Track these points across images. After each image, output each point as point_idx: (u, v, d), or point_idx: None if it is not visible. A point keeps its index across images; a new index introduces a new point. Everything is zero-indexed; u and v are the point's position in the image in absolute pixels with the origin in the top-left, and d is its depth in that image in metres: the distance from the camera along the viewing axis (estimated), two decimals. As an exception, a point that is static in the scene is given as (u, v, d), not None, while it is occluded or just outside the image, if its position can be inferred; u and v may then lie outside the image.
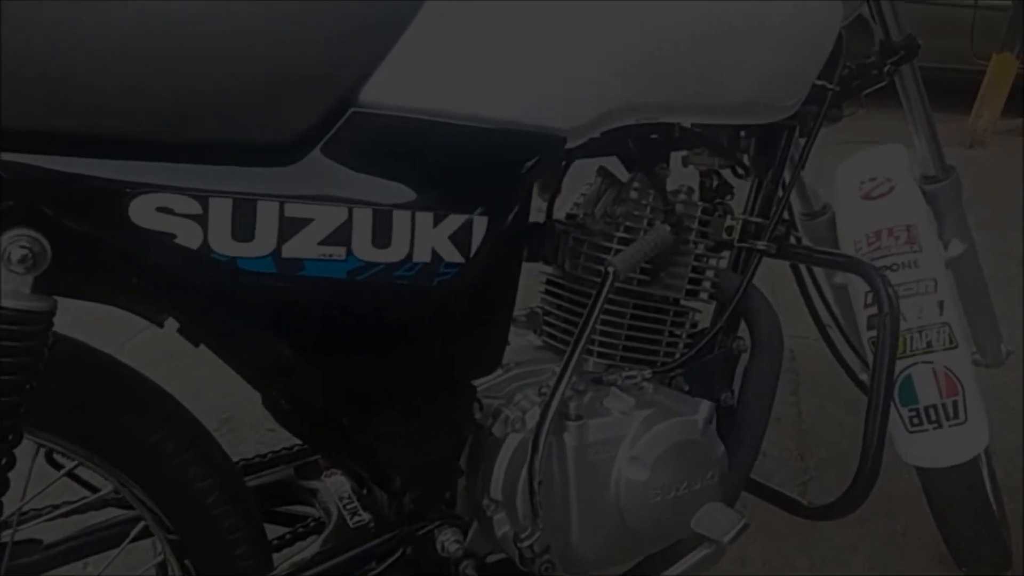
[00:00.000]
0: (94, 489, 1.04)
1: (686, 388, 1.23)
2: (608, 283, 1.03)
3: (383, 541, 0.98)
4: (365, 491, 1.15)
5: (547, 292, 1.27)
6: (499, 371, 1.16)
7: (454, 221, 0.88)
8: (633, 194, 1.18)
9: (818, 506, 1.23)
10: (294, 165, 0.80)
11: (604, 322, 1.15)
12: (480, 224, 0.90)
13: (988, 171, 4.41)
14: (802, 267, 1.52)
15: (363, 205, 0.83)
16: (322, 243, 0.81)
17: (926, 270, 1.33)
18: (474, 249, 0.90)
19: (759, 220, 1.28)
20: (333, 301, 0.84)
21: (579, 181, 1.27)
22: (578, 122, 0.95)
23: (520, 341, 1.27)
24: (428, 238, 0.87)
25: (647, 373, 1.14)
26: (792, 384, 2.39)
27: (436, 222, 0.87)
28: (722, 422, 1.27)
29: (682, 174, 1.28)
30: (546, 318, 1.25)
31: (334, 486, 1.12)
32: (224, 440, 2.03)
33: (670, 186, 1.23)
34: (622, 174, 1.24)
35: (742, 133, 1.27)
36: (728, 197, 1.36)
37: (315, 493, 1.12)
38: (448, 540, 1.00)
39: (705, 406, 1.11)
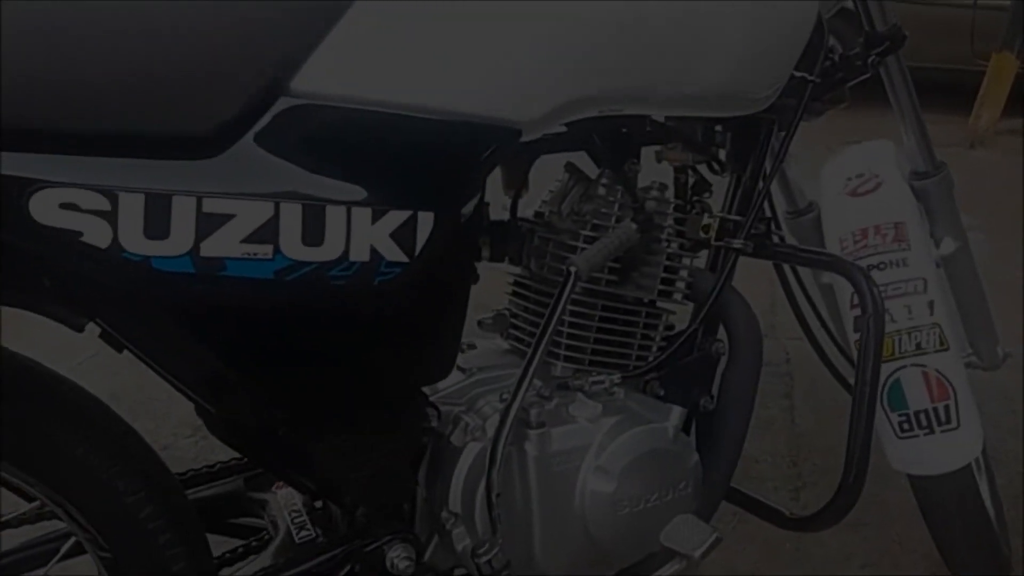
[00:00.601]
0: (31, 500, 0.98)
1: (661, 393, 1.17)
2: (570, 283, 0.97)
3: (328, 558, 0.92)
4: (320, 504, 1.09)
5: (514, 294, 1.21)
6: (460, 376, 1.11)
7: (395, 218, 0.82)
8: (601, 191, 1.12)
9: (801, 517, 1.17)
10: (216, 158, 0.74)
11: (571, 324, 1.10)
12: (425, 221, 0.84)
13: (988, 171, 4.36)
14: (786, 267, 1.45)
15: (291, 199, 0.77)
16: (246, 241, 0.76)
17: (915, 269, 1.27)
18: (419, 248, 0.84)
19: (737, 218, 1.22)
20: (261, 304, 0.79)
21: (548, 178, 1.21)
22: (532, 114, 0.89)
23: (487, 345, 1.22)
24: (366, 235, 0.81)
25: (616, 378, 1.08)
26: (786, 387, 2.33)
27: (375, 218, 0.81)
28: (701, 429, 1.21)
29: (657, 171, 1.23)
30: (513, 320, 1.20)
31: (284, 499, 1.06)
32: (198, 447, 1.99)
33: (643, 183, 1.17)
34: (591, 170, 1.18)
35: (718, 128, 1.21)
36: (706, 195, 1.30)
37: (264, 505, 1.06)
38: (398, 557, 0.94)
39: (676, 412, 1.05)
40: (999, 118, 4.93)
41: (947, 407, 1.22)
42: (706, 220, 1.23)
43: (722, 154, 1.23)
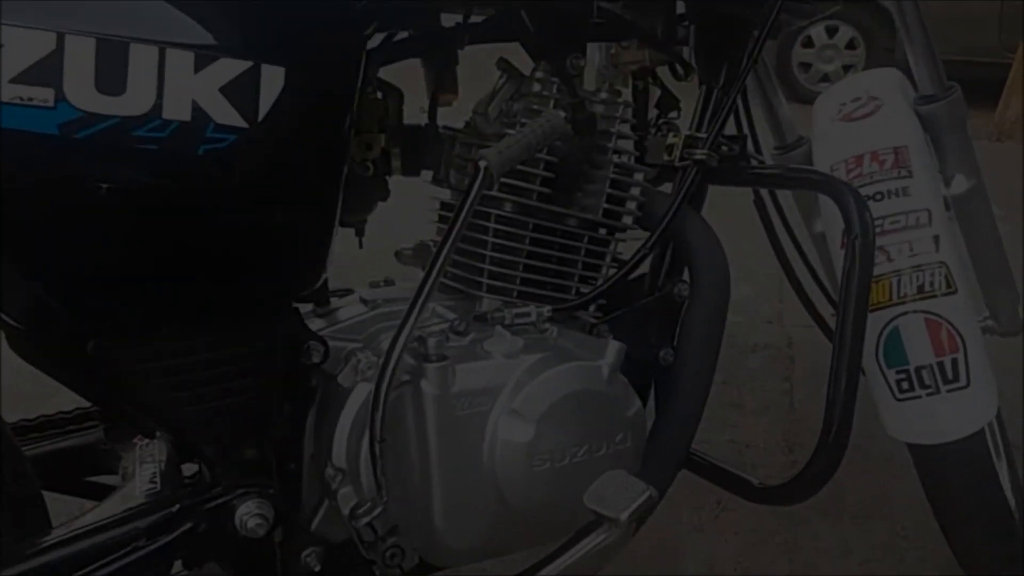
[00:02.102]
0: None
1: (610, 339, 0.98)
2: (479, 182, 0.78)
3: (164, 515, 0.73)
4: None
5: (440, 220, 1.02)
6: (362, 309, 0.93)
7: (228, 68, 0.64)
8: (536, 87, 0.93)
9: (772, 486, 0.97)
10: None
11: (495, 247, 0.91)
12: (272, 78, 0.66)
13: (1015, 163, 4.16)
14: (770, 210, 1.25)
15: (81, 33, 0.59)
16: (17, 80, 0.58)
17: (918, 199, 1.07)
18: (263, 111, 0.66)
19: (705, 136, 1.03)
20: (48, 169, 0.61)
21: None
22: None
23: (409, 283, 1.03)
24: (186, 88, 0.63)
25: (546, 310, 0.89)
26: (787, 370, 2.12)
27: (199, 66, 0.63)
28: (660, 385, 1.02)
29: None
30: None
31: (146, 451, 0.88)
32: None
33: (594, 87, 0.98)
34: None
35: (684, 23, 1.02)
36: (673, 115, 1.11)
37: (120, 459, 0.88)
38: (249, 515, 0.74)
39: (613, 348, 0.86)
40: (1027, 110, 4.71)
41: (955, 361, 1.02)
42: (670, 140, 1.04)
43: (688, 54, 1.03)
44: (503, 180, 0.88)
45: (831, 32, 5.56)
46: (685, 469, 1.09)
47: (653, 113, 1.13)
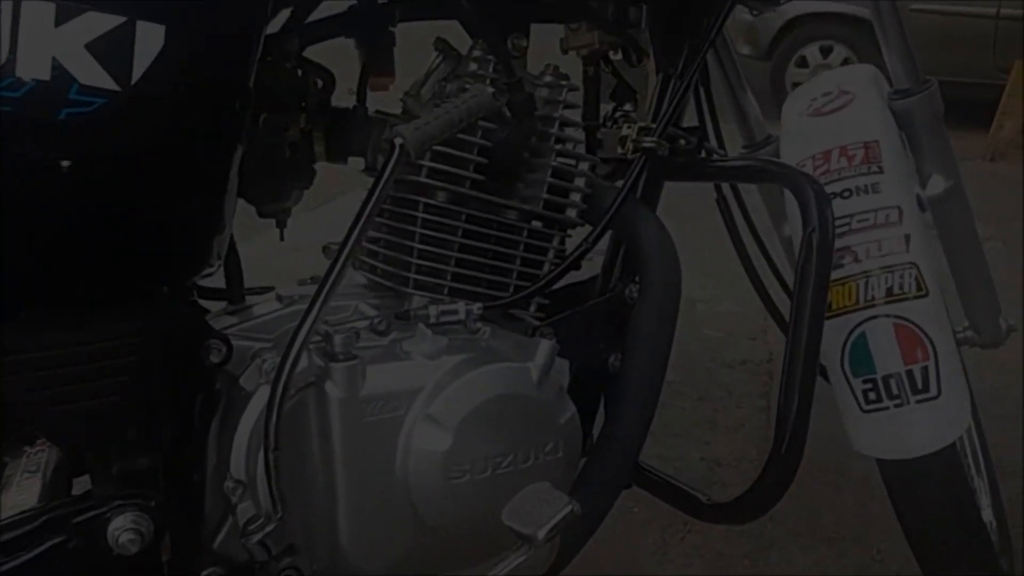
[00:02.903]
0: None
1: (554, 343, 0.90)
2: (393, 161, 0.71)
3: (31, 529, 0.65)
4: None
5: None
6: (276, 306, 0.85)
7: (96, 23, 0.57)
8: (472, 66, 0.86)
9: (721, 504, 0.89)
10: None
11: (424, 239, 0.83)
12: (149, 36, 0.59)
13: (1008, 183, 4.12)
14: (735, 210, 1.18)
15: None
16: None
17: (888, 196, 1.00)
18: (138, 73, 0.59)
19: (656, 125, 0.96)
20: None
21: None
22: None
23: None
24: (45, 42, 0.56)
25: (476, 308, 0.81)
26: (764, 387, 2.05)
27: (61, 19, 0.56)
28: (608, 393, 0.94)
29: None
30: (368, 245, 0.93)
31: (33, 460, 0.80)
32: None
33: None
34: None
35: (637, 4, 0.95)
36: (629, 106, 1.04)
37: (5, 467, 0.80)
38: (121, 529, 0.66)
39: (544, 348, 0.78)
40: (1021, 130, 4.67)
41: (925, 370, 0.94)
42: (624, 131, 0.97)
43: (642, 39, 0.97)
44: (433, 166, 0.82)
45: (826, 52, 5.52)
46: (635, 485, 1.02)
47: (610, 106, 1.06)
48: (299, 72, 0.84)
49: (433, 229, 0.83)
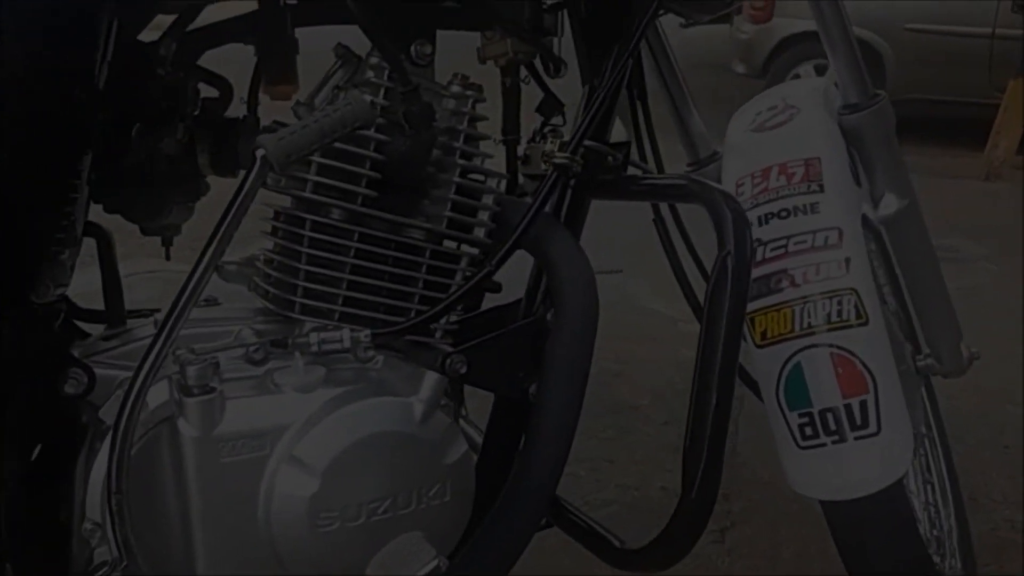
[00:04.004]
0: None
1: (463, 371, 0.83)
2: (254, 173, 0.65)
3: None
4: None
5: (273, 231, 0.88)
6: (153, 329, 0.78)
7: None
8: (369, 74, 0.80)
9: (633, 549, 0.82)
10: None
11: (313, 260, 0.77)
12: None
13: (1001, 202, 4.07)
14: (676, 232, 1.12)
15: None
16: None
17: (828, 217, 0.93)
18: None
19: (589, 143, 0.90)
20: None
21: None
22: None
23: (236, 303, 0.89)
24: None
25: (364, 335, 0.75)
26: (734, 411, 1.96)
27: None
28: (527, 424, 0.87)
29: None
30: (264, 268, 0.87)
31: None
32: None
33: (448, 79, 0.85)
34: None
35: (546, 3, 0.89)
36: (557, 119, 0.98)
37: None
38: None
39: (430, 382, 0.72)
40: (1016, 149, 4.61)
41: (864, 404, 0.87)
42: (547, 146, 0.91)
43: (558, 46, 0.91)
44: (323, 181, 0.75)
45: (820, 71, 5.45)
46: (553, 523, 0.95)
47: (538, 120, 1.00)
48: (181, 80, 0.78)
49: (322, 249, 0.77)
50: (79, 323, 0.84)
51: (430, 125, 0.78)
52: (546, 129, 0.98)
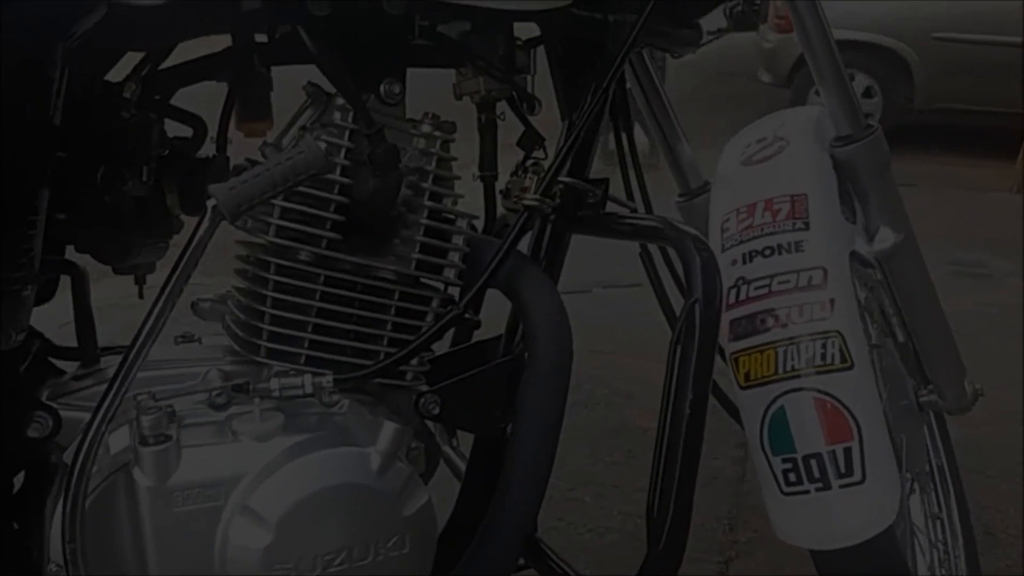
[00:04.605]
0: None
1: (436, 412, 0.82)
2: (205, 225, 0.64)
3: None
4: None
5: (240, 272, 0.88)
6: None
7: None
8: (336, 115, 0.79)
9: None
10: None
11: (277, 304, 0.76)
12: None
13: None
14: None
15: None
16: None
17: (813, 256, 0.91)
18: None
19: (568, 180, 0.89)
20: None
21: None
22: None
23: (213, 340, 0.88)
24: None
25: (326, 380, 0.74)
26: (742, 436, 1.93)
27: None
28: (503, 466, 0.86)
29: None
30: (231, 307, 0.86)
31: None
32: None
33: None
34: None
35: (519, 40, 0.88)
36: (539, 153, 0.97)
37: None
38: None
39: (387, 432, 0.70)
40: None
41: (848, 451, 0.85)
42: (526, 182, 0.90)
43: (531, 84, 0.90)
44: (287, 225, 0.75)
45: (845, 80, 5.37)
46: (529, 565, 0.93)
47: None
48: (147, 121, 0.78)
49: (287, 292, 0.76)
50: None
51: (395, 167, 0.77)
52: (528, 163, 0.97)
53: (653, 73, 1.10)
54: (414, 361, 0.81)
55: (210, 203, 0.64)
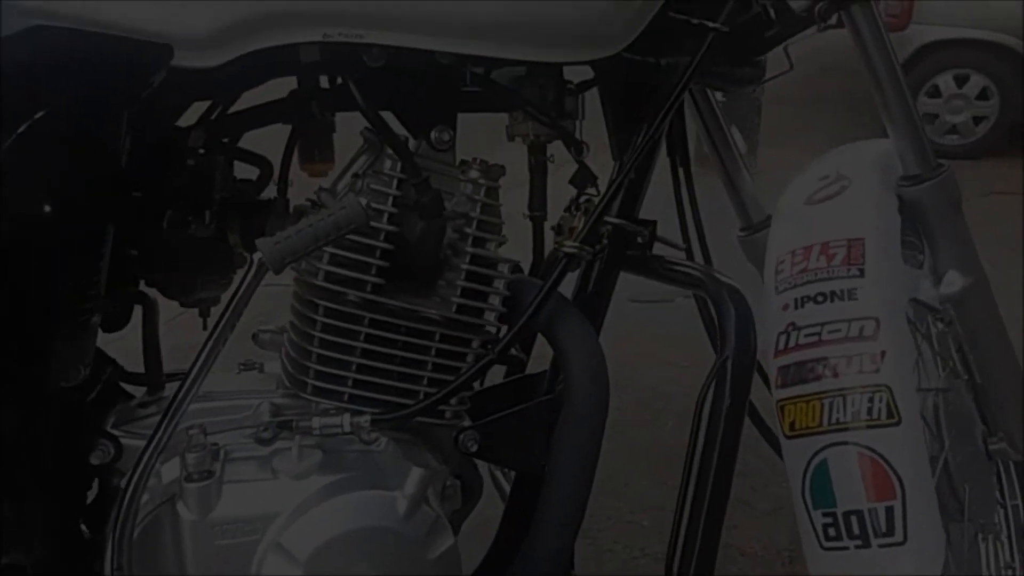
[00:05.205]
0: None
1: (473, 449, 0.85)
2: (250, 276, 0.69)
3: None
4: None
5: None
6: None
7: None
8: (387, 164, 0.82)
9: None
10: None
11: (324, 344, 0.80)
12: None
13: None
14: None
15: None
16: None
17: (866, 305, 0.88)
18: None
19: (616, 220, 0.90)
20: None
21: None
22: (193, 30, 0.63)
23: (272, 367, 0.93)
24: None
25: (364, 420, 0.77)
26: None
27: None
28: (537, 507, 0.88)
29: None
30: (285, 344, 0.90)
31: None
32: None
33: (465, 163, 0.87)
34: None
35: (571, 84, 0.89)
36: (592, 191, 0.98)
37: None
38: None
39: (415, 477, 0.73)
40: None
41: (890, 511, 0.83)
42: (576, 221, 0.91)
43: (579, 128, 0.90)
44: (333, 270, 0.78)
45: (960, 81, 5.09)
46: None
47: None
48: (211, 166, 0.83)
49: (333, 333, 0.80)
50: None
51: (440, 213, 0.80)
52: (581, 199, 0.98)
53: (716, 107, 1.09)
54: (453, 400, 0.84)
55: (256, 256, 0.68)
